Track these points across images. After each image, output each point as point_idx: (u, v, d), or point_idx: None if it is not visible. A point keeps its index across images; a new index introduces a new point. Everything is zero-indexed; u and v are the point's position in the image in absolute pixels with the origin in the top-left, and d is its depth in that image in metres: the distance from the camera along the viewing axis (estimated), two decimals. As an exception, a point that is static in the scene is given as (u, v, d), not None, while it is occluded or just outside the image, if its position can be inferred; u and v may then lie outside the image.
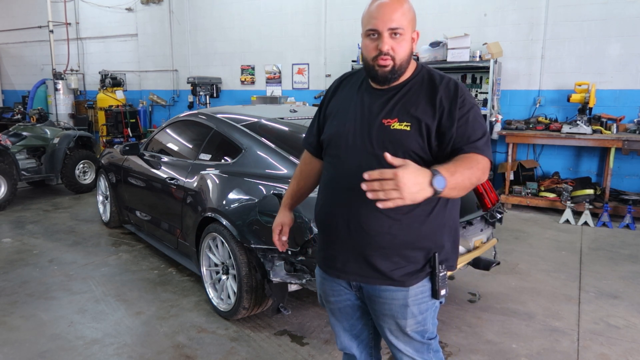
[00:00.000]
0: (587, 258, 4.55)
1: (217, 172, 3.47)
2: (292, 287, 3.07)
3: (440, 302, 1.73)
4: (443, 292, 1.65)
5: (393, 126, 1.56)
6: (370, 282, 1.66)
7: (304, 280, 2.82)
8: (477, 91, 6.90)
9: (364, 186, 1.28)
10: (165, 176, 3.99)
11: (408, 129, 1.54)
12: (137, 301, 3.62)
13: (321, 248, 1.80)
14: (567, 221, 5.69)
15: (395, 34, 1.53)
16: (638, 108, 6.11)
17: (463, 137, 1.51)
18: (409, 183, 1.24)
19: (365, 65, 1.61)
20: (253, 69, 9.15)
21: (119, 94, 9.88)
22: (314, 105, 8.20)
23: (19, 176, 6.44)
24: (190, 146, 4.15)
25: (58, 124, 8.54)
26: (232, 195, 3.20)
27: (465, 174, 1.42)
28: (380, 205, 1.27)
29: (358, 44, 7.18)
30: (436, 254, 1.61)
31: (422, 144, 1.54)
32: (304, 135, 1.95)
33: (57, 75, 10.54)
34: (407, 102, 1.58)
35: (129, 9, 10.29)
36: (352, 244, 1.64)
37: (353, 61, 7.30)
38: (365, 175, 1.27)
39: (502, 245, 4.82)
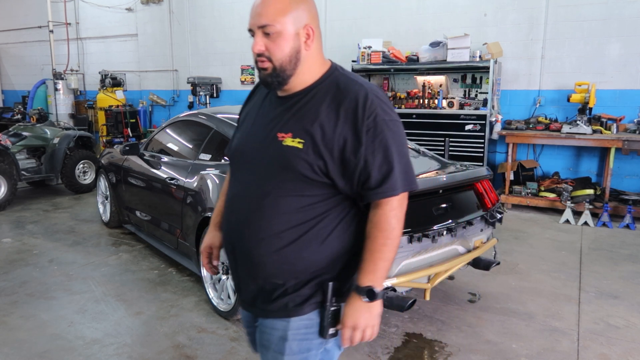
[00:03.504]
0: (587, 258, 4.55)
1: (217, 172, 3.47)
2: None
3: (340, 348, 1.44)
4: (332, 330, 1.35)
5: (285, 142, 1.32)
6: (254, 311, 1.49)
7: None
8: (477, 91, 6.89)
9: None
10: (165, 176, 3.99)
11: (301, 146, 1.29)
12: (137, 301, 3.62)
13: (231, 273, 1.58)
14: (567, 221, 5.69)
15: (267, 32, 1.29)
16: (638, 108, 6.11)
17: (368, 169, 1.29)
18: (361, 323, 1.33)
19: None
20: (253, 69, 9.14)
21: (119, 94, 9.87)
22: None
23: (19, 176, 6.44)
24: (190, 146, 4.15)
25: (58, 124, 8.53)
26: (232, 195, 3.20)
27: (384, 255, 1.32)
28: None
29: (358, 44, 7.18)
30: (330, 283, 1.34)
31: (314, 165, 1.29)
32: None
33: (57, 75, 10.53)
34: (305, 114, 1.33)
35: (129, 9, 10.29)
36: (245, 272, 1.46)
37: (353, 61, 7.29)
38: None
39: (502, 245, 4.81)
